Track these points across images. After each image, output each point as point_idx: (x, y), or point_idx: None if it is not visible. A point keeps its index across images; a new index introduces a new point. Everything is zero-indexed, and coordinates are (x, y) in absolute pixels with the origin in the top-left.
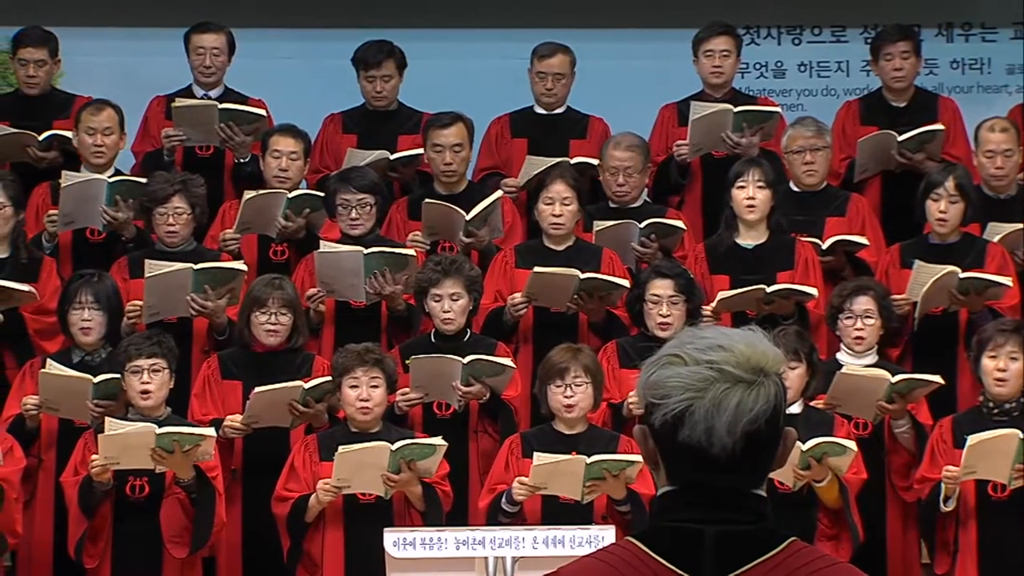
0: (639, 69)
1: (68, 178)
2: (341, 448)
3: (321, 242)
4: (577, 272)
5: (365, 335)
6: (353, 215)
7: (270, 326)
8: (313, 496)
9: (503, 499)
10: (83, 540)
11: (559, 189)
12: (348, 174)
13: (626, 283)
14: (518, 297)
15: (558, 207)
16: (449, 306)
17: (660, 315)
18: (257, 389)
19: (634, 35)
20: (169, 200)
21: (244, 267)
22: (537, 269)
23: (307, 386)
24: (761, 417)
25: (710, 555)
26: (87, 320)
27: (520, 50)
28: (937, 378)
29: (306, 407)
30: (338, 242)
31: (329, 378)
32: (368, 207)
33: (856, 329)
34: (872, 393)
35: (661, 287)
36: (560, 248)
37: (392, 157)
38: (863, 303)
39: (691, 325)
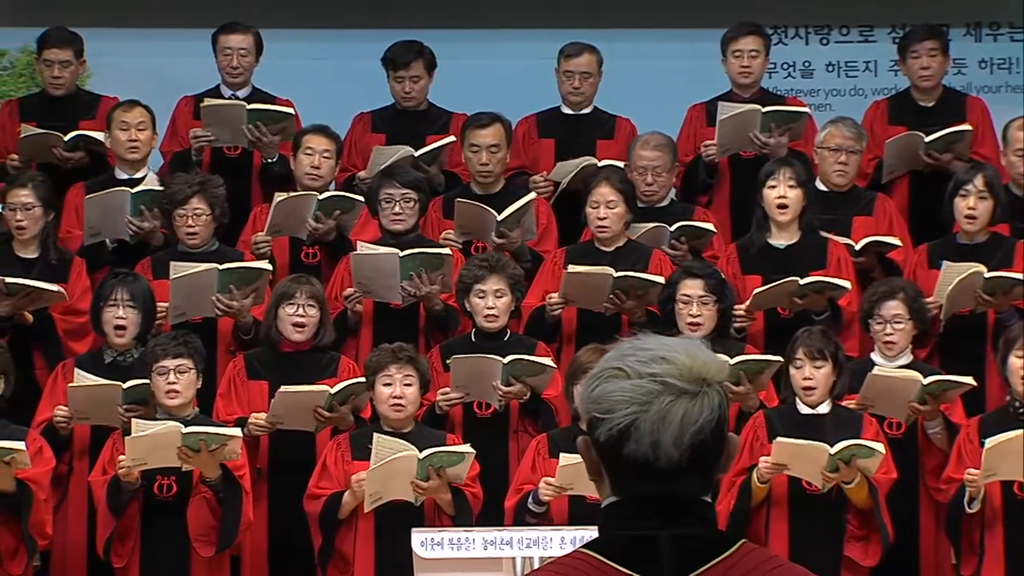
0: (666, 69)
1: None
2: (369, 471)
3: (358, 244)
4: (610, 270)
5: (403, 335)
6: (396, 209)
7: (298, 319)
8: (348, 492)
9: (530, 499)
10: (111, 539)
11: (604, 192)
12: (392, 170)
13: (659, 279)
14: (555, 297)
15: (603, 210)
16: (493, 303)
17: (690, 315)
18: (283, 389)
19: (661, 35)
20: (188, 202)
21: (269, 267)
22: (571, 269)
23: (333, 391)
24: (707, 428)
25: (668, 558)
26: (122, 319)
27: (549, 50)
28: (969, 380)
29: (331, 411)
30: (376, 241)
31: (355, 380)
32: (412, 202)
33: (886, 334)
34: (904, 394)
35: (691, 287)
36: (610, 249)
37: (416, 154)
38: (892, 308)
39: (722, 326)
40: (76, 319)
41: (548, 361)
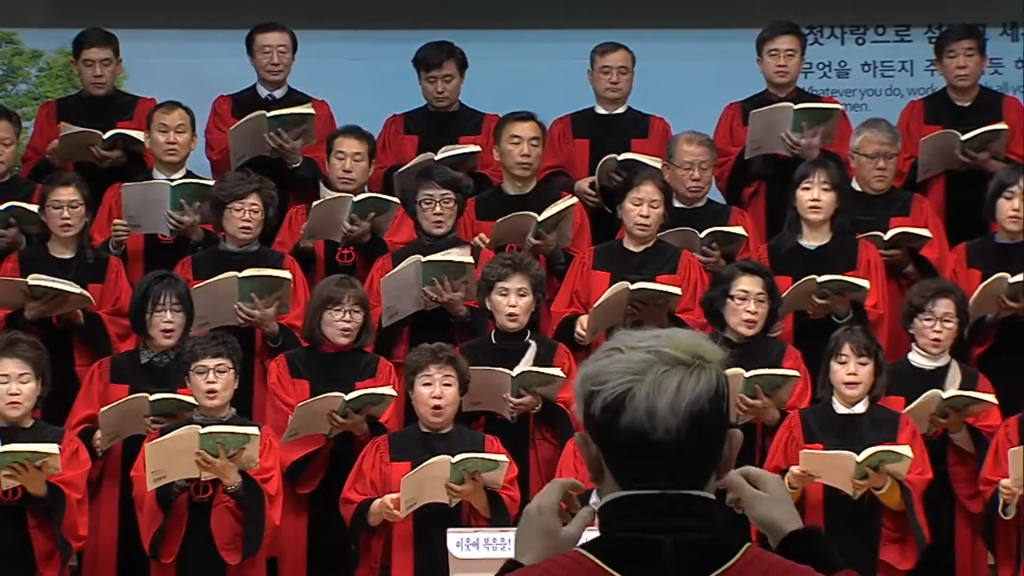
0: (699, 69)
1: (130, 184)
2: (404, 478)
3: (382, 270)
4: (626, 284)
5: (437, 337)
6: (437, 210)
7: (344, 324)
8: (378, 502)
9: None
10: (160, 536)
11: (649, 191)
12: (429, 170)
13: (676, 290)
14: (583, 330)
15: (646, 208)
16: (515, 301)
17: (747, 311)
18: (299, 404)
19: (694, 35)
20: (247, 196)
21: (289, 275)
22: (595, 306)
23: (347, 398)
24: (704, 397)
25: (671, 567)
26: (170, 322)
27: (581, 51)
28: (990, 398)
29: (345, 418)
30: (413, 242)
31: (371, 391)
32: (450, 202)
33: (935, 332)
34: (924, 408)
35: (749, 283)
36: (639, 249)
37: (436, 157)
38: (944, 306)
39: (770, 325)
40: (124, 321)
41: (557, 371)
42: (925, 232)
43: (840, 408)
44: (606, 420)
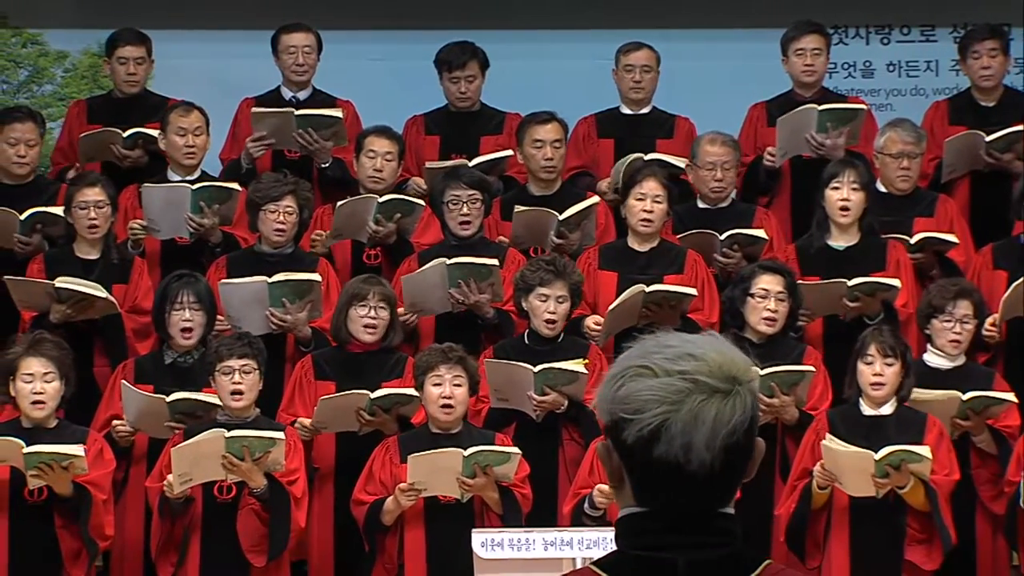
0: (724, 69)
1: (150, 186)
2: (412, 456)
3: (408, 271)
4: (643, 287)
5: (464, 336)
6: (464, 211)
7: (369, 320)
8: (391, 499)
9: (585, 504)
10: (161, 545)
11: (651, 186)
12: (457, 171)
13: (692, 291)
14: (596, 328)
15: (649, 203)
16: (555, 307)
17: (768, 309)
18: (323, 396)
19: (718, 35)
20: (282, 198)
21: (318, 277)
22: (611, 308)
23: (373, 396)
24: (739, 429)
25: None
26: (188, 321)
27: (603, 51)
28: (1010, 396)
29: (372, 415)
30: (440, 243)
31: (399, 390)
32: (477, 203)
33: (955, 333)
34: (945, 412)
35: (769, 282)
36: (644, 249)
37: (471, 164)
38: (964, 308)
39: (787, 325)
40: (141, 318)
41: (579, 368)
42: (951, 237)
43: (867, 409)
44: (639, 449)
